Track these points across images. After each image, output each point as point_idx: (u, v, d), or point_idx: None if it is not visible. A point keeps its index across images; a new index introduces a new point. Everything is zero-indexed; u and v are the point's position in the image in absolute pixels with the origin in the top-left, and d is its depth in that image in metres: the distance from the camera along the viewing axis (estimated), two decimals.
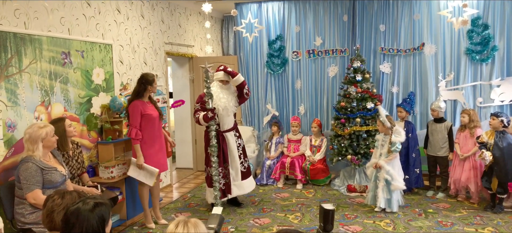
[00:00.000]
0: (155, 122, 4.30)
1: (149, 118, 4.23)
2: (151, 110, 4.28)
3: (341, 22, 6.37)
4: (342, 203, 5.15)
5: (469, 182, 4.91)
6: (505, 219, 4.41)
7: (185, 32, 6.64)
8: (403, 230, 4.18)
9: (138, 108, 4.17)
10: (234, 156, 4.83)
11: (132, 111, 4.18)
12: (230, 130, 4.86)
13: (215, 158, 4.62)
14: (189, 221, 1.75)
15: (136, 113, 4.16)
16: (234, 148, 4.85)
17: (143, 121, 4.20)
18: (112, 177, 4.24)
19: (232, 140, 4.84)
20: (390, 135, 4.70)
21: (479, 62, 5.72)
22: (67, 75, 4.14)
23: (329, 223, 1.91)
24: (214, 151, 4.61)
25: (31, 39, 3.71)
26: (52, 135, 3.14)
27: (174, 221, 1.78)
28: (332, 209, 1.94)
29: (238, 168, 4.85)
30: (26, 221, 3.01)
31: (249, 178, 5.01)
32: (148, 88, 4.24)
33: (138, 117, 4.16)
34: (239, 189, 4.90)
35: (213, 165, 4.62)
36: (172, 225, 1.75)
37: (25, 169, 2.97)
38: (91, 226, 1.81)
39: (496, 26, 5.62)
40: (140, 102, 4.21)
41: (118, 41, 4.98)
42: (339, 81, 6.33)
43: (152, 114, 4.26)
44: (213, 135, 4.61)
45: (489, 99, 5.72)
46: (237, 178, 4.85)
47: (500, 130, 4.53)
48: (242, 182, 4.89)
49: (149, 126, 4.25)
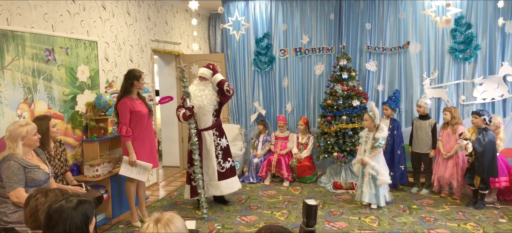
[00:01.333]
0: (144, 118, 4.27)
1: (139, 114, 4.21)
2: (140, 107, 4.25)
3: (327, 20, 6.41)
4: (328, 200, 5.20)
5: (452, 178, 5.02)
6: (486, 214, 4.50)
7: (171, 30, 6.60)
8: (387, 226, 4.24)
9: (126, 105, 4.14)
10: (210, 156, 4.77)
11: (121, 108, 4.15)
12: (208, 129, 4.79)
13: (197, 156, 4.59)
14: (162, 219, 1.68)
15: (124, 110, 4.13)
16: (211, 148, 4.78)
17: (133, 118, 4.18)
18: (98, 175, 4.20)
19: (209, 139, 4.78)
20: (374, 131, 4.76)
21: (462, 61, 5.82)
22: (51, 72, 4.08)
23: (311, 219, 1.92)
24: (195, 149, 4.60)
25: (13, 35, 3.65)
26: (33, 134, 3.09)
27: (149, 219, 1.71)
28: (315, 205, 1.95)
29: (214, 167, 4.78)
30: (8, 220, 2.96)
31: (229, 179, 4.87)
32: (135, 84, 4.20)
33: (127, 114, 4.13)
34: (215, 190, 4.81)
35: (195, 163, 4.60)
36: (145, 224, 1.70)
37: (6, 167, 2.93)
38: (74, 224, 1.78)
39: (479, 26, 5.73)
40: (129, 99, 4.18)
41: (103, 38, 4.93)
42: (325, 79, 6.37)
43: (141, 111, 4.23)
44: (193, 133, 4.61)
45: (472, 97, 5.82)
46: (214, 178, 4.78)
47: (482, 127, 4.63)
48: (219, 183, 4.80)
49: (139, 123, 4.22)
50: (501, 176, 4.66)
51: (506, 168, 4.77)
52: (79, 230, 1.79)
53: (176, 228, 1.69)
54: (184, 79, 4.61)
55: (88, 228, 1.84)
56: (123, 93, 4.22)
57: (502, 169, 4.69)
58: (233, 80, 7.01)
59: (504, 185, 4.71)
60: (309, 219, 1.93)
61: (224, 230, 4.24)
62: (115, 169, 4.52)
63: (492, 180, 4.66)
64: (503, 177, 4.69)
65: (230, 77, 7.02)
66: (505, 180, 4.71)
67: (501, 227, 4.12)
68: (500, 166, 4.64)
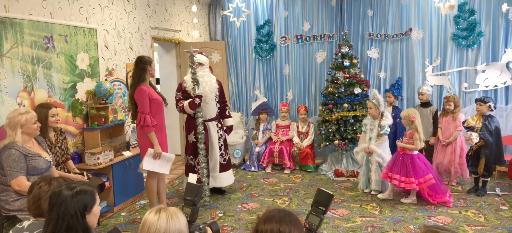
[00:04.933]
0: (161, 106, 4.04)
1: (157, 102, 3.96)
2: (156, 95, 4.03)
3: (329, 7, 6.35)
4: (329, 187, 5.20)
5: (451, 165, 5.02)
6: (488, 201, 4.51)
7: (171, 17, 6.53)
8: (389, 214, 4.24)
9: (145, 92, 3.85)
10: (214, 147, 4.74)
11: (140, 96, 3.85)
12: (212, 120, 4.74)
13: (203, 145, 4.52)
14: (167, 210, 1.69)
15: (144, 98, 3.84)
16: (215, 139, 4.75)
17: (152, 106, 3.91)
18: (99, 163, 4.19)
19: (213, 129, 4.74)
20: (379, 119, 4.75)
21: (465, 48, 5.77)
22: (50, 60, 4.05)
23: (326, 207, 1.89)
24: (201, 138, 4.50)
25: (12, 22, 3.60)
26: (33, 122, 3.07)
27: (153, 208, 1.73)
28: (332, 194, 1.94)
29: (217, 159, 4.76)
30: (10, 208, 2.97)
31: (228, 171, 4.90)
32: (148, 69, 3.95)
33: (147, 102, 3.86)
34: (216, 181, 4.79)
35: (200, 151, 4.55)
36: (149, 213, 1.70)
37: (8, 156, 2.92)
38: (68, 212, 1.76)
39: (482, 12, 5.66)
40: (146, 87, 3.92)
41: (103, 26, 4.88)
42: (327, 67, 6.34)
43: (158, 99, 4.00)
44: (200, 122, 4.49)
45: (474, 84, 5.79)
46: (215, 170, 4.76)
47: (487, 114, 4.61)
48: (220, 174, 4.79)
49: (158, 111, 3.98)
50: (418, 177, 4.33)
51: (426, 168, 4.43)
52: (73, 218, 1.76)
53: (179, 223, 1.69)
54: (193, 65, 4.39)
55: (84, 218, 1.80)
56: (137, 80, 3.92)
57: (421, 169, 4.38)
58: (233, 68, 6.97)
59: (420, 186, 4.35)
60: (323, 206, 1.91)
61: (225, 218, 4.24)
62: (116, 157, 4.51)
63: (409, 180, 4.34)
64: (422, 178, 4.33)
65: (230, 65, 6.99)
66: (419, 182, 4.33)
67: (502, 214, 4.13)
68: (419, 166, 4.37)
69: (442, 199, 4.39)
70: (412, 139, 4.44)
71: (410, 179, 4.35)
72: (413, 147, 4.42)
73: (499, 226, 3.85)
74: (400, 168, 4.42)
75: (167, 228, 1.65)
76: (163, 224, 1.65)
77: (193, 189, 2.08)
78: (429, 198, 4.43)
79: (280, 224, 1.57)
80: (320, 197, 1.92)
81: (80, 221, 1.78)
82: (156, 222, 1.65)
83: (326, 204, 1.88)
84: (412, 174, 4.35)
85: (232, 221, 4.16)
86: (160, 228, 1.64)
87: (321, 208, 1.88)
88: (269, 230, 1.56)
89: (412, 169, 4.37)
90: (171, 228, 1.65)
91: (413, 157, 4.42)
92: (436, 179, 4.38)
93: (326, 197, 1.91)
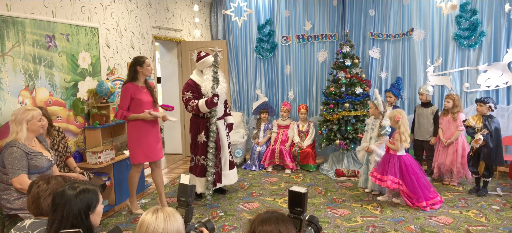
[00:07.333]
0: (142, 107, 4.10)
1: (138, 102, 4.08)
2: (143, 95, 4.12)
3: (331, 6, 6.34)
4: (330, 187, 5.20)
5: (453, 165, 5.01)
6: (489, 201, 4.50)
7: (173, 16, 6.53)
8: (390, 213, 4.24)
9: (128, 91, 4.06)
10: (224, 146, 4.79)
11: (122, 92, 4.08)
12: (220, 118, 4.77)
13: (213, 144, 4.52)
14: (164, 210, 1.69)
15: (125, 95, 4.05)
16: (224, 137, 4.80)
17: (132, 105, 4.08)
18: (100, 162, 4.20)
19: (222, 128, 4.78)
20: (380, 119, 4.75)
21: (467, 48, 5.76)
22: (51, 59, 4.05)
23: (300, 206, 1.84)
24: (213, 137, 4.51)
25: (13, 21, 3.61)
26: (38, 119, 3.10)
27: (151, 208, 1.72)
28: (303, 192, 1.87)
29: (227, 157, 4.82)
30: (12, 207, 2.97)
31: (235, 169, 5.02)
32: (138, 69, 4.07)
33: (127, 99, 4.05)
34: (227, 179, 4.87)
35: (210, 150, 4.52)
36: (146, 213, 1.70)
37: (9, 154, 2.93)
38: (72, 211, 1.76)
39: (484, 12, 5.65)
40: (132, 85, 4.07)
41: (104, 25, 4.88)
42: (328, 66, 6.33)
43: (142, 99, 4.09)
44: (214, 121, 4.52)
45: (476, 84, 5.78)
46: (226, 168, 4.82)
47: (487, 114, 4.60)
48: (229, 172, 4.88)
49: (137, 111, 4.10)
50: (396, 177, 4.34)
51: (410, 169, 4.38)
52: (77, 218, 1.77)
53: (176, 223, 1.69)
54: (217, 65, 4.49)
55: (88, 217, 1.81)
56: (127, 79, 4.15)
57: (401, 171, 4.35)
58: (235, 67, 6.97)
59: (394, 186, 4.33)
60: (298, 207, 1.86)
61: (226, 217, 4.25)
62: (117, 156, 4.51)
63: (383, 178, 4.37)
64: (393, 176, 4.34)
65: (232, 64, 6.99)
66: (394, 182, 4.32)
67: (503, 214, 4.12)
68: (398, 167, 4.35)
69: (420, 204, 4.29)
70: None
71: (384, 177, 4.36)
72: (393, 147, 4.40)
73: (500, 227, 3.84)
74: (383, 167, 4.44)
75: (165, 228, 1.64)
76: (161, 224, 1.64)
77: (186, 189, 2.07)
78: (408, 200, 4.37)
79: (278, 225, 1.56)
80: (293, 198, 1.85)
81: (84, 220, 1.79)
82: (154, 222, 1.65)
83: (301, 204, 1.82)
84: (388, 172, 4.35)
85: (233, 220, 4.16)
86: (157, 228, 1.64)
87: (297, 209, 1.83)
88: (268, 232, 1.55)
89: (389, 168, 4.36)
90: (169, 228, 1.65)
91: (399, 158, 4.38)
92: (420, 184, 4.32)
93: (298, 196, 1.84)
